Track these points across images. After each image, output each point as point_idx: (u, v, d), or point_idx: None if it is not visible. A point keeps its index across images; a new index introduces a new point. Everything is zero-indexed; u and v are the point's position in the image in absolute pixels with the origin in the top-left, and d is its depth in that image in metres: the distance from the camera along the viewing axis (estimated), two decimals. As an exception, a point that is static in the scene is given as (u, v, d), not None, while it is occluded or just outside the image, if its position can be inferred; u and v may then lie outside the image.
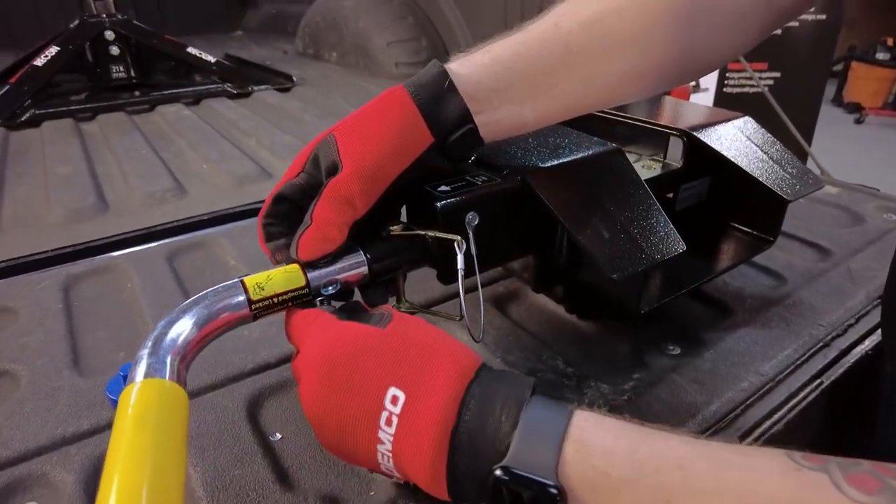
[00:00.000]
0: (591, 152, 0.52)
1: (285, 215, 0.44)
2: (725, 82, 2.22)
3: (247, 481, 0.41)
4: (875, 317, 0.60)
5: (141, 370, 0.32)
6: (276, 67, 1.74)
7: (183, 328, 0.35)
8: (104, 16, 1.52)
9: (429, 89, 0.43)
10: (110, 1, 1.54)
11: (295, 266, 0.41)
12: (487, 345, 0.56)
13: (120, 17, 1.54)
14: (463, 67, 0.44)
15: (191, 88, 1.52)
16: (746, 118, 0.67)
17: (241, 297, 0.38)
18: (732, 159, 0.59)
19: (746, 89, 2.17)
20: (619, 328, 0.59)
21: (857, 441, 0.61)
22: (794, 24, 2.20)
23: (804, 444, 0.49)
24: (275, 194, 0.44)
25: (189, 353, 0.35)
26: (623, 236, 0.47)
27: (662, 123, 0.63)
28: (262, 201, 0.80)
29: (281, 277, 0.40)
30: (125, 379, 0.48)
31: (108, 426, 0.46)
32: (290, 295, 0.40)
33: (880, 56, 4.38)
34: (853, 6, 2.26)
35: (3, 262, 0.71)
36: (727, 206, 0.66)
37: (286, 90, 1.59)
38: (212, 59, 1.58)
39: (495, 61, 0.44)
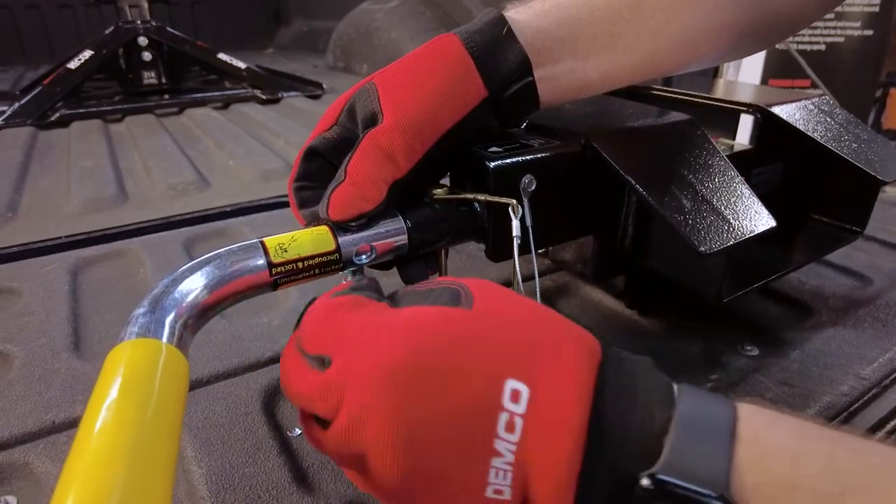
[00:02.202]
0: (661, 120, 0.46)
1: (318, 175, 0.39)
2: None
3: (259, 480, 0.35)
4: None
5: (133, 329, 0.26)
6: (306, 77, 1.72)
7: (189, 288, 0.29)
8: (139, 22, 1.52)
9: (483, 36, 0.37)
10: (145, 7, 1.54)
11: (324, 227, 0.35)
12: (537, 339, 0.49)
13: (154, 23, 1.54)
14: (521, 14, 0.38)
15: (220, 93, 1.50)
16: (824, 96, 0.60)
17: (261, 260, 0.32)
18: (816, 138, 0.52)
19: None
20: (685, 326, 0.52)
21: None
22: (840, 39, 2.12)
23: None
24: (305, 149, 0.39)
25: (194, 317, 0.29)
26: (706, 207, 0.40)
27: (732, 100, 0.57)
28: (286, 195, 0.76)
29: (307, 239, 0.34)
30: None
31: (106, 415, 0.41)
32: (316, 260, 0.34)
33: (922, 82, 4.24)
34: (892, 32, 2.18)
35: (14, 246, 0.67)
36: (805, 194, 0.59)
37: (316, 97, 1.56)
38: (242, 65, 1.57)
39: (557, 7, 0.39)
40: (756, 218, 0.41)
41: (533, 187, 0.39)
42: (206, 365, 0.45)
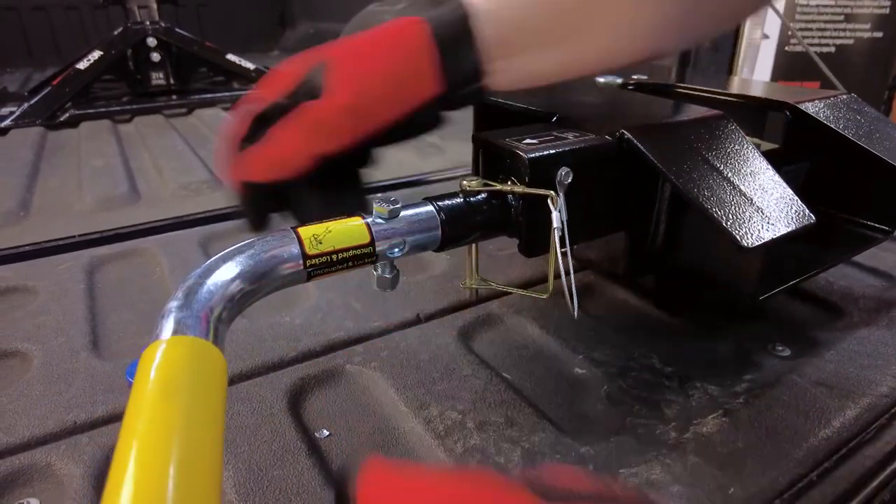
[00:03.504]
0: (694, 115, 0.45)
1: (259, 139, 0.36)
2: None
3: (289, 483, 0.34)
4: None
5: (169, 325, 0.25)
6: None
7: (223, 279, 0.28)
8: (147, 23, 1.52)
9: (449, 29, 0.35)
10: (154, 8, 1.53)
11: (358, 219, 0.34)
12: (567, 339, 0.48)
13: (163, 24, 1.54)
14: (485, 2, 0.36)
15: (229, 94, 1.50)
16: (852, 95, 0.59)
17: (295, 250, 0.31)
18: (848, 135, 0.51)
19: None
20: (714, 326, 0.50)
21: None
22: (849, 41, 2.12)
23: None
24: (256, 114, 0.36)
25: (228, 310, 0.28)
26: (745, 202, 0.39)
27: (761, 97, 0.56)
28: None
29: (341, 230, 0.33)
30: (149, 361, 0.41)
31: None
32: (351, 253, 0.33)
33: (927, 85, 4.24)
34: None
35: (27, 245, 0.66)
36: (833, 193, 0.58)
37: (324, 98, 1.56)
38: (251, 66, 1.56)
39: None
40: (795, 213, 0.40)
41: (569, 180, 0.38)
42: (227, 365, 0.44)
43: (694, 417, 0.39)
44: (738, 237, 0.36)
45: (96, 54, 1.44)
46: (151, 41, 1.51)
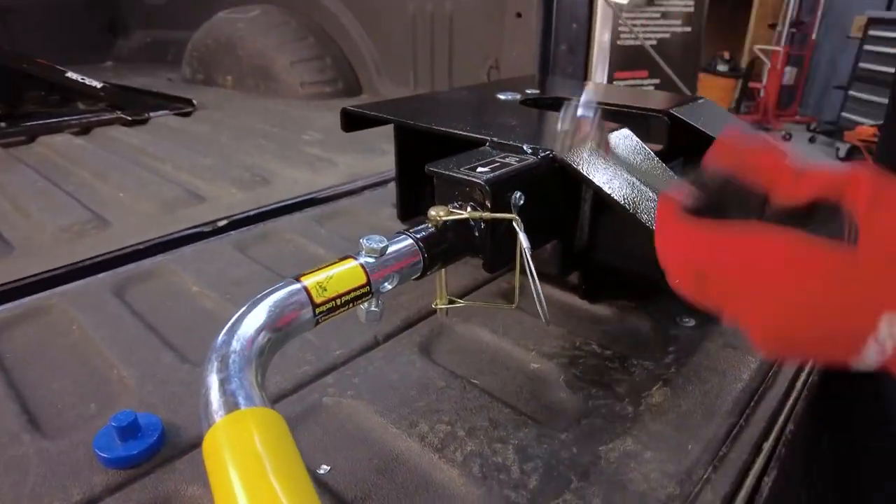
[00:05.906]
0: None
1: None
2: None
3: (311, 524, 0.35)
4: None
5: (219, 401, 0.25)
6: (171, 93, 1.60)
7: (249, 338, 0.29)
8: (-41, 40, 1.31)
9: None
10: (-35, 23, 1.33)
11: (351, 260, 0.35)
12: (516, 339, 0.52)
13: (-21, 41, 1.34)
14: None
15: (76, 117, 1.35)
16: (706, 99, 0.70)
17: (304, 300, 0.32)
18: (712, 134, 0.62)
19: (634, 95, 2.32)
20: (629, 308, 0.58)
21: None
22: (667, 35, 2.40)
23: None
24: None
25: (262, 369, 0.28)
26: (652, 198, 0.46)
27: (642, 106, 0.65)
28: (202, 224, 0.72)
29: (340, 275, 0.34)
30: (118, 431, 0.39)
31: (107, 491, 0.37)
32: (351, 294, 0.34)
33: (720, 68, 4.97)
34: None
35: None
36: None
37: (187, 115, 1.47)
38: (98, 84, 1.42)
39: None
40: (697, 209, 0.48)
41: (522, 202, 0.42)
42: (202, 418, 0.43)
43: (642, 391, 0.46)
44: (650, 225, 0.43)
45: None
46: (-33, 61, 1.32)
